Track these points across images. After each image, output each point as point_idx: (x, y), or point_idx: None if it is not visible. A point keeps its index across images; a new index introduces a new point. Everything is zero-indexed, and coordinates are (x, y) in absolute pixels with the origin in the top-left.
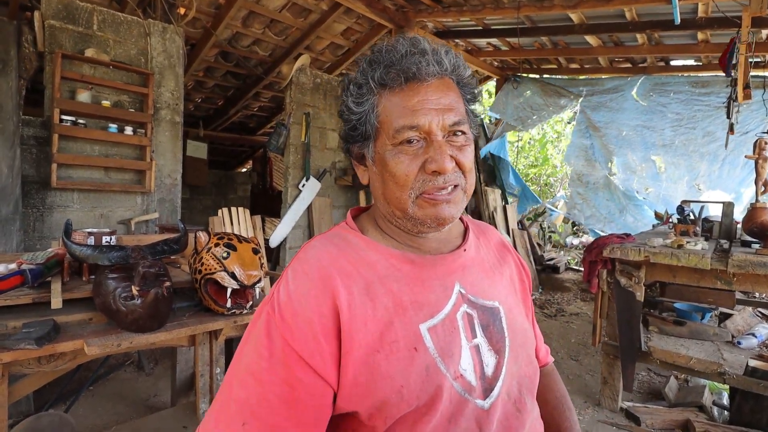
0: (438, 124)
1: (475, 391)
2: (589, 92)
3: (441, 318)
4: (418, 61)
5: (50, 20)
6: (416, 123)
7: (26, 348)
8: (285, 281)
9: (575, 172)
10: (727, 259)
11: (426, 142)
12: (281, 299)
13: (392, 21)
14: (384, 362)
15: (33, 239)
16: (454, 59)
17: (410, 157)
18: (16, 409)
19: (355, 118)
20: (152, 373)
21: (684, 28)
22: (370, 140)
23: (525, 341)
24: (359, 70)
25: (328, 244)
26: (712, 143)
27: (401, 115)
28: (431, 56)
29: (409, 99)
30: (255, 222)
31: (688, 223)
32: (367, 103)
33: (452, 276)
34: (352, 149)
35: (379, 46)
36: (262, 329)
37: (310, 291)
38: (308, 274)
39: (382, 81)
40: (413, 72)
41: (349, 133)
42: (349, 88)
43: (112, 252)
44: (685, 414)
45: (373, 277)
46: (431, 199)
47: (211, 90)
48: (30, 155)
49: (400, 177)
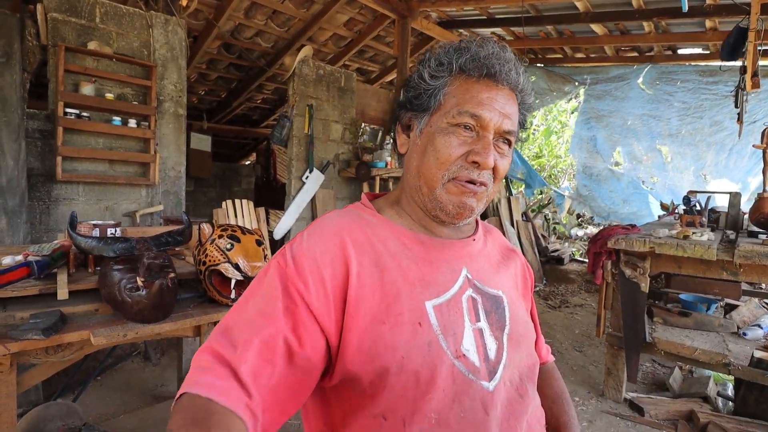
0: (496, 124)
1: (480, 373)
2: (593, 80)
3: (447, 298)
4: (501, 64)
5: (53, 13)
6: (479, 113)
7: (33, 338)
8: (299, 240)
9: (581, 164)
10: (734, 249)
11: (477, 135)
12: (295, 254)
13: (395, 11)
14: (388, 333)
15: (39, 231)
16: (526, 81)
17: (459, 141)
18: (25, 398)
19: (423, 87)
20: (159, 363)
21: (692, 16)
22: (427, 112)
23: (526, 332)
24: (443, 50)
25: (344, 215)
26: (719, 133)
27: (468, 101)
28: (512, 66)
29: (480, 91)
30: (259, 214)
31: (694, 213)
32: (441, 80)
33: (460, 261)
34: (402, 116)
35: (470, 39)
36: (275, 279)
37: (325, 253)
38: (323, 237)
39: (463, 67)
40: (494, 71)
41: (411, 100)
42: (429, 60)
43: (117, 243)
44: (690, 405)
45: (384, 251)
46: (460, 186)
47: (214, 82)
48: (35, 148)
49: (443, 154)
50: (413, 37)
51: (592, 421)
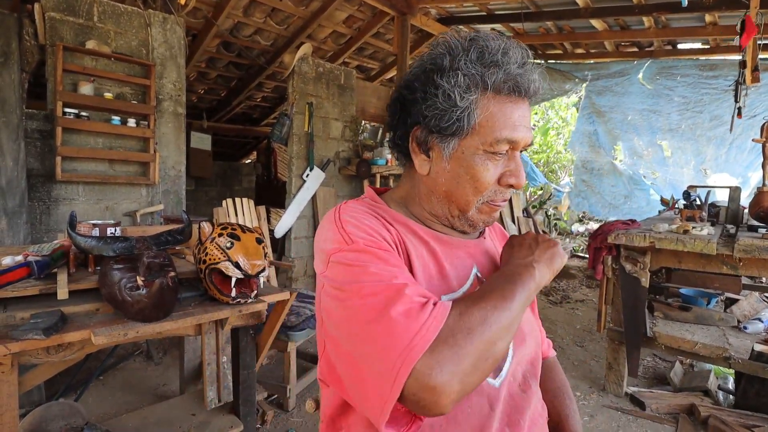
0: (525, 142)
1: None
2: (594, 76)
3: (460, 294)
4: (531, 80)
5: (51, 12)
6: (516, 138)
7: (34, 338)
8: (351, 224)
9: (580, 159)
10: (734, 244)
11: (508, 156)
12: (352, 232)
13: (395, 8)
14: None
15: (40, 232)
16: (540, 82)
17: (495, 166)
18: (28, 398)
19: (452, 109)
20: (161, 362)
21: (691, 11)
22: (456, 137)
23: (531, 329)
24: (466, 59)
25: (364, 205)
26: (719, 127)
27: (504, 127)
28: (534, 74)
29: (513, 112)
30: (260, 212)
31: (694, 208)
32: (471, 100)
33: (471, 259)
34: (419, 135)
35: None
36: (362, 255)
37: (380, 231)
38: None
39: (496, 86)
40: (524, 88)
41: (435, 122)
42: (455, 75)
43: (116, 243)
44: (690, 398)
45: (407, 240)
46: (494, 206)
47: (213, 81)
48: (34, 148)
49: (482, 183)
50: (413, 34)
51: (593, 416)
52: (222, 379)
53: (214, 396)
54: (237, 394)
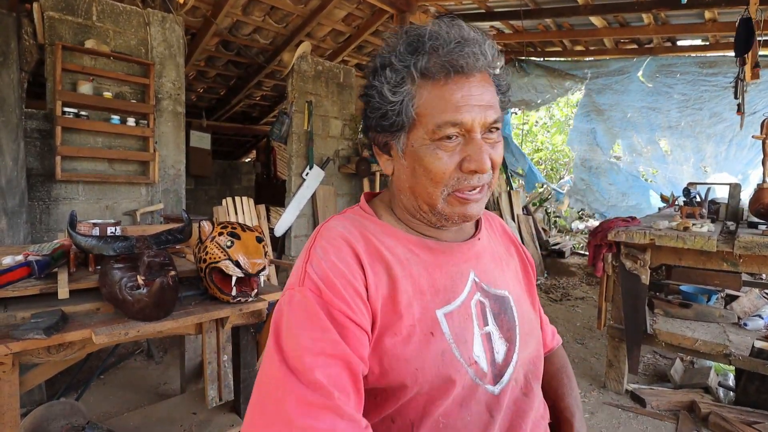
0: (480, 121)
1: (486, 377)
2: (594, 74)
3: (457, 305)
4: (467, 53)
5: (49, 11)
6: (460, 120)
7: (35, 338)
8: (316, 258)
9: (579, 157)
10: (734, 240)
11: (465, 139)
12: (321, 275)
13: (393, 5)
14: (401, 345)
15: (40, 231)
16: (494, 50)
17: (448, 154)
18: (29, 398)
19: (388, 107)
20: (161, 361)
21: (691, 7)
22: (402, 131)
23: (532, 329)
24: (395, 54)
25: (348, 224)
26: (718, 124)
27: (444, 110)
28: (478, 48)
29: (452, 93)
30: (259, 211)
31: (694, 205)
32: (404, 93)
33: (467, 264)
34: (375, 137)
35: (419, 29)
36: (315, 307)
37: (349, 264)
38: (338, 248)
39: (425, 72)
40: (461, 65)
41: (378, 122)
42: (384, 73)
43: (116, 242)
44: (691, 395)
45: (393, 260)
46: (463, 198)
47: (213, 80)
48: (34, 148)
49: (437, 173)
50: None
51: (594, 413)
52: (223, 378)
53: (215, 395)
54: (238, 393)
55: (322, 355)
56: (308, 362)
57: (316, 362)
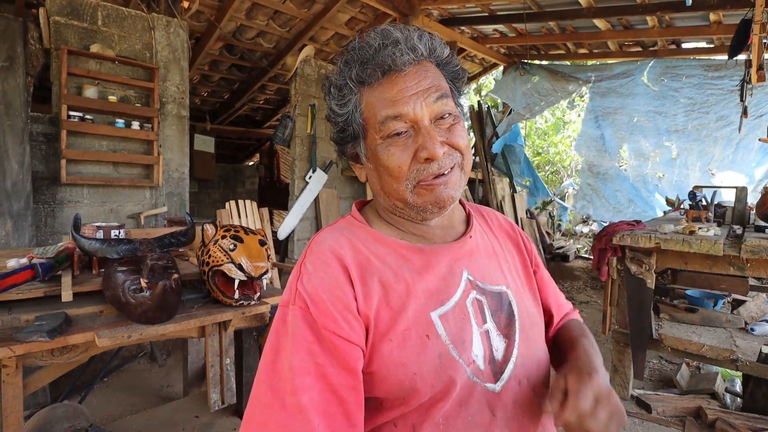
0: (421, 108)
1: (484, 375)
2: (597, 78)
3: (452, 305)
4: (392, 52)
5: (55, 16)
6: (399, 112)
7: (39, 340)
8: (305, 274)
9: (586, 163)
10: (740, 244)
11: (414, 130)
12: (310, 291)
13: (396, 9)
14: (396, 351)
15: (45, 234)
16: (430, 42)
17: (401, 148)
18: (32, 400)
19: (341, 120)
20: (164, 364)
21: (696, 9)
22: (359, 138)
23: (533, 325)
24: (337, 71)
25: (338, 236)
26: (725, 127)
27: (383, 107)
28: (404, 45)
29: (388, 90)
30: (263, 214)
31: (700, 208)
32: (350, 104)
33: (459, 263)
34: (346, 150)
35: (353, 44)
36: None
37: (337, 283)
38: (327, 263)
39: (360, 78)
40: (389, 64)
41: (339, 135)
42: (330, 91)
43: (120, 245)
44: (697, 401)
45: (385, 268)
46: (428, 186)
47: (216, 84)
48: (39, 151)
49: (394, 169)
50: None
51: None
52: (225, 381)
53: (218, 398)
54: (240, 397)
55: (309, 376)
56: (296, 384)
57: (304, 384)
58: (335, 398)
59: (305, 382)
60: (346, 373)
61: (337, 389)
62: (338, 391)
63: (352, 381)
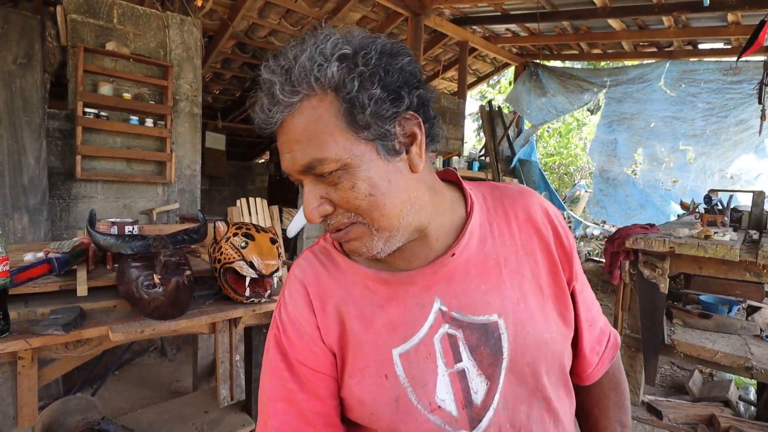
0: (295, 168)
1: (458, 421)
2: (613, 82)
3: (415, 343)
4: (268, 109)
5: (72, 14)
6: (285, 169)
7: (54, 333)
8: (282, 301)
9: (598, 168)
10: (757, 250)
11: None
12: (283, 319)
13: (408, 8)
14: (356, 387)
15: (60, 229)
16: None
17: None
18: (46, 392)
19: None
20: (175, 359)
21: (713, 10)
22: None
23: (540, 357)
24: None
25: (314, 262)
26: (744, 131)
27: None
28: (279, 89)
29: (278, 139)
30: (273, 212)
31: (716, 212)
32: None
33: (431, 291)
34: None
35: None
36: (275, 354)
37: (302, 314)
38: (296, 292)
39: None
40: (267, 121)
41: None
42: None
43: (134, 241)
44: (710, 409)
45: (348, 298)
46: (332, 232)
47: (228, 82)
48: (55, 147)
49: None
50: (426, 35)
51: None
52: (235, 378)
53: (227, 394)
54: (249, 393)
55: (281, 402)
56: (269, 409)
57: (276, 410)
58: (305, 423)
59: (277, 408)
60: (315, 399)
61: (307, 415)
62: (307, 417)
63: (321, 407)
